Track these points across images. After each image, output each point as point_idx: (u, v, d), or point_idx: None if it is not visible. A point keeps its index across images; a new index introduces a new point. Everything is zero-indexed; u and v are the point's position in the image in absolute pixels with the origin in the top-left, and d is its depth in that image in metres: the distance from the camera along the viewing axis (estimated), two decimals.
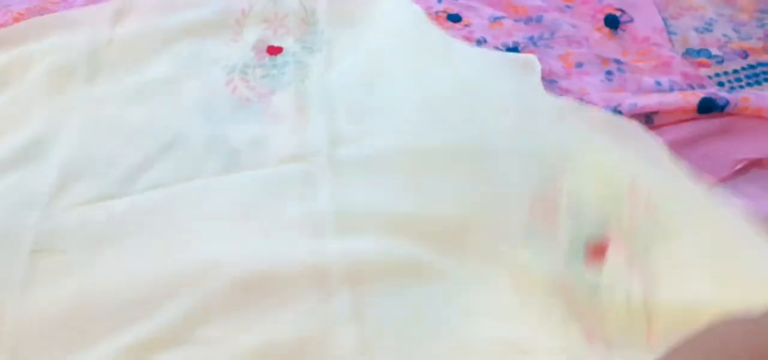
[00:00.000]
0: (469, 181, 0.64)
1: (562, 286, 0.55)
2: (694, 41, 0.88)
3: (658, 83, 0.80)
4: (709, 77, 0.82)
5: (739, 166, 0.69)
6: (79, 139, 0.69)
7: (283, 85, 0.76)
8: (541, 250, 0.58)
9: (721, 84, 0.82)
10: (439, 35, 0.83)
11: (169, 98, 0.74)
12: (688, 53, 0.86)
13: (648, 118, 0.71)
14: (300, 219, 0.61)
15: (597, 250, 0.57)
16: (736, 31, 0.89)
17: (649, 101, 0.71)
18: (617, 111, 0.70)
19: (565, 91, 0.80)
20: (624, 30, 0.89)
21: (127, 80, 0.77)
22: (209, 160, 0.67)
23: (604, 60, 0.84)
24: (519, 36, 0.88)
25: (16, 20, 0.85)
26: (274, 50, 0.82)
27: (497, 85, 0.75)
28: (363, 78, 0.76)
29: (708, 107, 0.70)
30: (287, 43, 0.82)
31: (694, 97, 0.70)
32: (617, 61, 0.84)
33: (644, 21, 0.90)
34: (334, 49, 0.81)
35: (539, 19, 0.90)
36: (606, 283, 0.54)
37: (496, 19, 0.91)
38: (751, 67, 0.84)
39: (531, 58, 0.81)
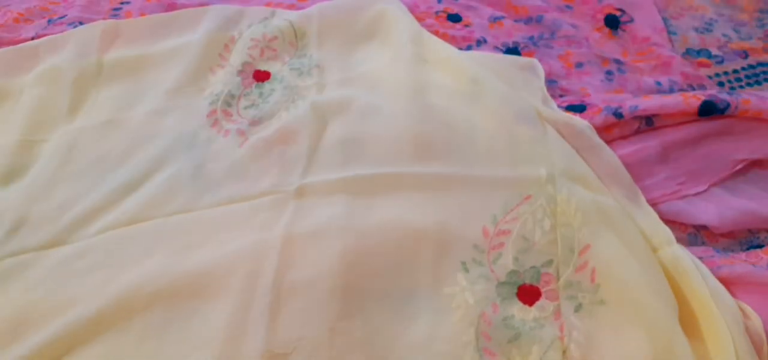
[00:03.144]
0: (430, 205, 0.62)
1: (485, 321, 0.56)
2: (694, 41, 0.88)
3: (658, 83, 0.80)
4: (709, 77, 0.82)
5: (739, 167, 0.69)
6: (46, 180, 0.67)
7: (267, 114, 0.73)
8: (478, 276, 0.58)
9: (721, 84, 0.82)
10: (437, 51, 0.81)
11: (149, 132, 0.72)
12: (688, 53, 0.86)
13: (648, 120, 0.72)
14: (250, 246, 0.60)
15: (529, 292, 0.57)
16: (736, 31, 0.89)
17: (650, 104, 0.71)
18: (618, 114, 0.70)
19: (565, 91, 0.80)
20: (624, 30, 0.89)
21: (108, 110, 0.74)
22: (179, 197, 0.65)
23: (604, 60, 0.84)
24: (519, 36, 0.88)
25: (16, 20, 0.85)
26: (261, 75, 0.79)
27: (485, 108, 0.72)
28: (354, 104, 0.73)
29: (708, 110, 0.70)
30: (275, 67, 0.80)
31: (695, 100, 0.70)
32: (617, 61, 0.84)
33: (644, 21, 0.90)
34: (325, 74, 0.79)
35: (539, 19, 0.90)
36: (529, 329, 0.55)
37: (496, 19, 0.91)
38: (751, 67, 0.84)
39: (534, 62, 0.81)
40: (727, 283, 0.57)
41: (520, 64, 0.81)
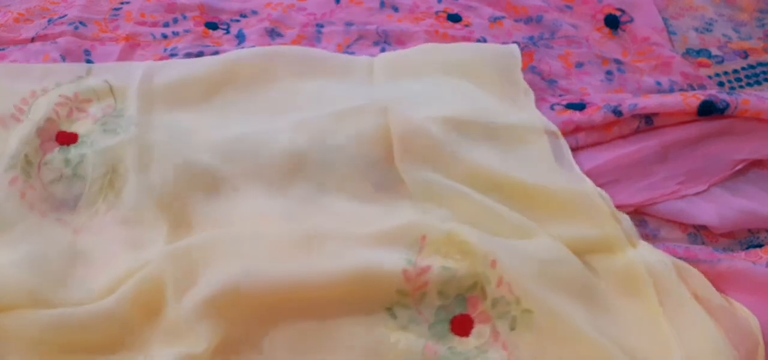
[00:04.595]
0: (340, 265, 0.56)
1: (429, 351, 0.53)
2: (694, 41, 0.88)
3: (658, 83, 0.80)
4: (709, 77, 0.82)
5: (739, 167, 0.69)
6: None
7: (87, 197, 0.62)
8: (408, 321, 0.55)
9: (721, 84, 0.82)
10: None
11: None
12: (688, 53, 0.86)
13: (648, 119, 0.72)
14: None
15: (462, 323, 0.55)
16: (736, 31, 0.89)
17: (650, 103, 0.71)
18: (617, 111, 0.70)
19: (565, 91, 0.80)
20: (624, 30, 0.89)
21: None
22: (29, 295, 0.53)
23: (604, 60, 0.84)
24: (519, 36, 0.88)
25: (17, 20, 0.85)
26: (65, 138, 0.66)
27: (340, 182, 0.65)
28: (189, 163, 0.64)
29: (708, 110, 0.70)
30: (84, 127, 0.68)
31: (694, 100, 0.70)
32: (617, 61, 0.84)
33: (644, 21, 0.90)
34: (148, 132, 0.67)
35: (539, 19, 0.90)
36: (473, 357, 0.53)
37: (496, 19, 0.91)
38: (751, 67, 0.84)
39: (513, 49, 0.81)
40: (726, 279, 0.57)
41: (501, 52, 0.80)
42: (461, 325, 0.55)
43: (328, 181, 0.65)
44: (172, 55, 0.82)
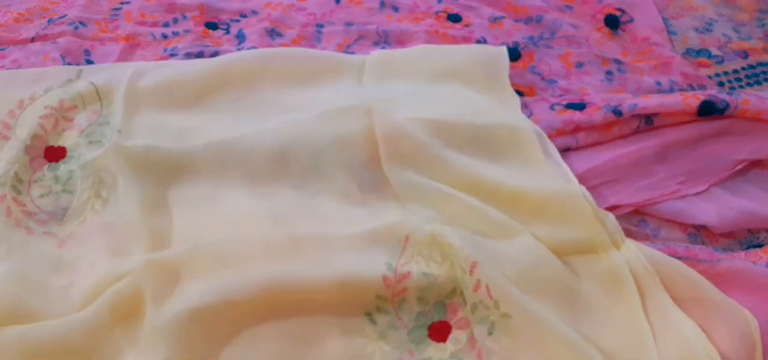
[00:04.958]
0: (322, 268, 0.57)
1: None
2: (694, 41, 0.88)
3: (658, 83, 0.80)
4: (709, 77, 0.82)
5: (739, 167, 0.69)
6: None
7: (75, 209, 0.62)
8: (387, 326, 0.55)
9: (721, 84, 0.82)
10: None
11: None
12: (688, 53, 0.86)
13: (648, 119, 0.72)
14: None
15: (440, 329, 0.55)
16: (736, 31, 0.89)
17: (650, 102, 0.71)
18: (617, 111, 0.70)
19: (565, 91, 0.80)
20: (624, 30, 0.89)
21: None
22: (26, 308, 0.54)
23: (604, 60, 0.84)
24: (519, 36, 0.88)
25: (17, 20, 0.85)
26: (53, 153, 0.67)
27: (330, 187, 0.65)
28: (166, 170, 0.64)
29: (708, 110, 0.70)
30: (70, 139, 0.68)
31: (694, 100, 0.70)
32: (617, 61, 0.84)
33: (644, 21, 0.90)
34: (131, 139, 0.67)
35: (539, 19, 0.90)
36: None
37: (496, 19, 0.91)
38: (751, 67, 0.84)
39: (501, 51, 0.80)
40: (726, 279, 0.57)
41: (490, 54, 0.80)
42: (439, 331, 0.55)
43: (314, 182, 0.65)
44: (172, 55, 0.82)
